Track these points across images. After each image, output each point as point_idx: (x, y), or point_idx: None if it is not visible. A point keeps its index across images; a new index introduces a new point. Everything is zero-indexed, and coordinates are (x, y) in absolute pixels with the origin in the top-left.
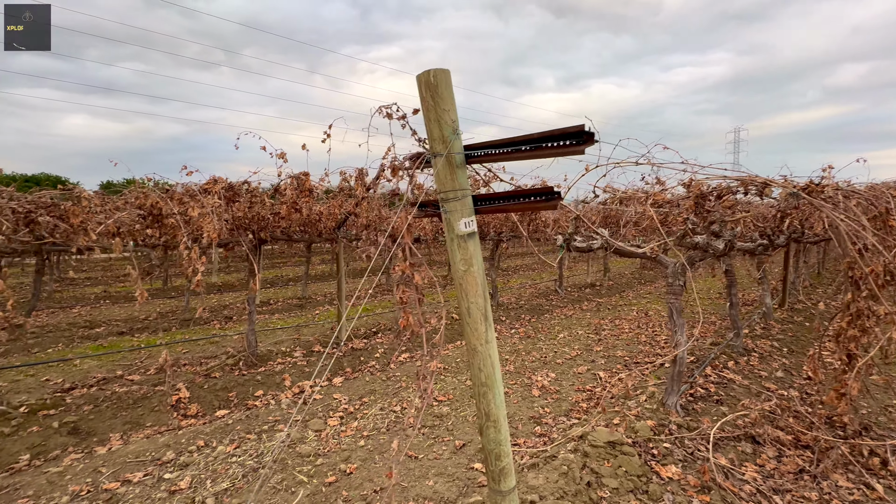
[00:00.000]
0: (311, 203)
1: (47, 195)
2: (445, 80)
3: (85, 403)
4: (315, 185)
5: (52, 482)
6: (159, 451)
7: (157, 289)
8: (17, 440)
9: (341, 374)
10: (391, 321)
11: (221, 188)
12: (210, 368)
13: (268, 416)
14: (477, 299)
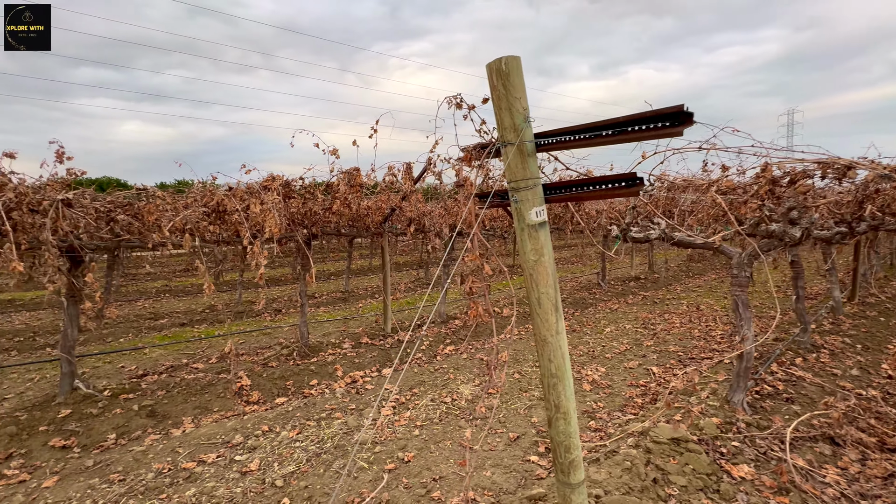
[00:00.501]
0: (360, 198)
1: (122, 195)
2: (516, 67)
3: (158, 389)
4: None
5: (138, 460)
6: (228, 434)
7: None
8: (104, 421)
9: (389, 366)
10: (434, 314)
11: (279, 185)
12: (267, 358)
13: (324, 405)
14: (548, 289)
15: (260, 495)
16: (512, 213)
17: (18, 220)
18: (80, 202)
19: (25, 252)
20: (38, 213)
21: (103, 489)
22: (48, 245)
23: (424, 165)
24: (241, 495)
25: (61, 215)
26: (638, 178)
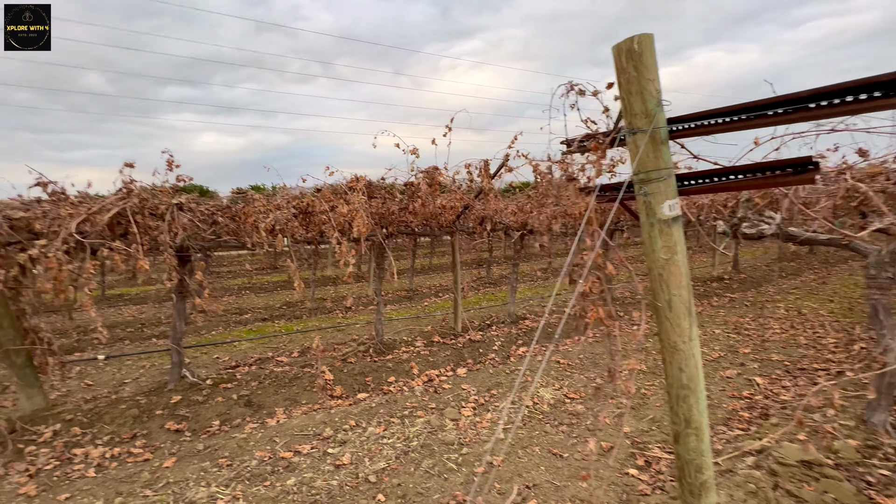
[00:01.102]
0: (436, 196)
1: (222, 198)
2: (649, 46)
3: (251, 380)
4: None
5: (241, 447)
6: (318, 427)
7: (285, 281)
8: (209, 408)
9: (463, 365)
10: (504, 314)
11: (363, 185)
12: (345, 354)
13: (405, 403)
14: (680, 291)
15: (355, 490)
16: (637, 208)
17: (141, 222)
18: (189, 206)
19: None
20: (156, 216)
21: (214, 472)
22: (166, 246)
23: (501, 161)
24: (338, 488)
25: (176, 218)
26: (812, 163)
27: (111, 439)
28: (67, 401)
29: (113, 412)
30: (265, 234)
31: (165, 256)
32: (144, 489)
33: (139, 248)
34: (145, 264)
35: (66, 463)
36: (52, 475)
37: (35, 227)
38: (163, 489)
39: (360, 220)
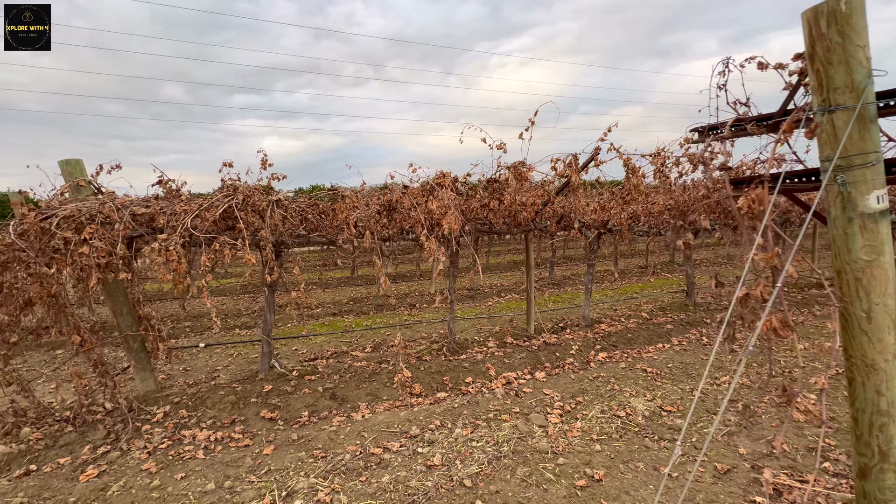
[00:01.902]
0: (518, 193)
1: (313, 195)
2: (860, 6)
3: (332, 373)
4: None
5: (332, 439)
6: (404, 425)
7: (348, 277)
8: (297, 399)
9: (540, 369)
10: (575, 317)
11: (450, 182)
12: (419, 352)
13: (487, 405)
14: (885, 299)
15: (451, 493)
16: (826, 200)
17: (244, 218)
18: (284, 203)
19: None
20: (257, 212)
21: (311, 463)
22: (266, 241)
23: (591, 154)
24: (434, 490)
25: (275, 214)
26: None
27: (213, 423)
28: (171, 384)
29: (213, 397)
30: (355, 230)
31: (268, 252)
32: (249, 474)
33: (246, 242)
34: (252, 258)
35: (177, 443)
36: (167, 454)
37: (160, 222)
38: (265, 476)
39: (452, 216)
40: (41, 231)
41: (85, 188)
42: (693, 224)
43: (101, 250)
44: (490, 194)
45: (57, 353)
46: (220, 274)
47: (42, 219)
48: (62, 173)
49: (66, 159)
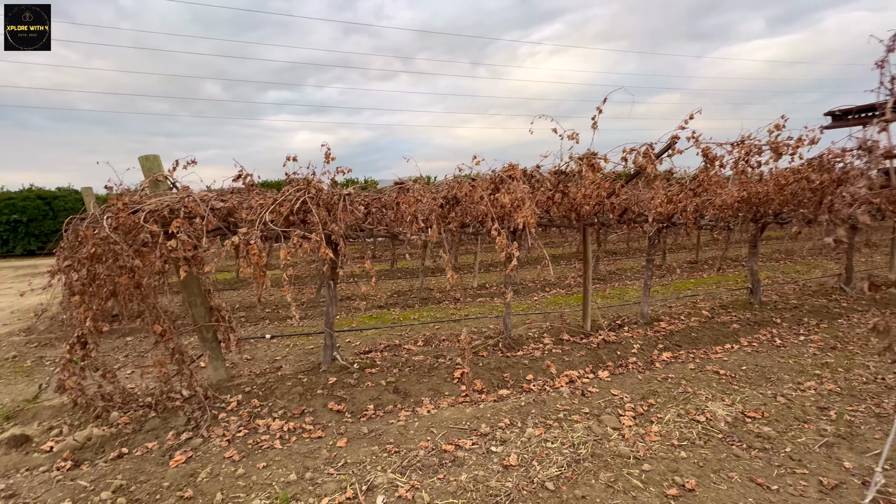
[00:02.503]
0: (589, 183)
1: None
2: None
3: (391, 366)
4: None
5: (402, 434)
6: (471, 421)
7: (388, 270)
8: (361, 392)
9: (603, 368)
10: (629, 314)
11: (520, 173)
12: (475, 347)
13: (555, 405)
14: None
15: (534, 495)
16: None
17: (316, 212)
18: (353, 196)
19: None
20: (329, 206)
21: (385, 458)
22: (337, 235)
23: (667, 143)
24: (516, 491)
25: (346, 208)
26: None
27: (284, 413)
28: (237, 373)
29: (281, 388)
30: (422, 224)
31: (341, 246)
32: (327, 466)
33: (321, 236)
34: (330, 252)
35: (253, 432)
36: (245, 442)
37: (241, 215)
38: (343, 469)
39: (528, 210)
40: (132, 225)
41: (162, 183)
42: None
43: (186, 244)
44: (554, 186)
45: (127, 339)
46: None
47: (130, 212)
48: (141, 169)
49: (146, 155)
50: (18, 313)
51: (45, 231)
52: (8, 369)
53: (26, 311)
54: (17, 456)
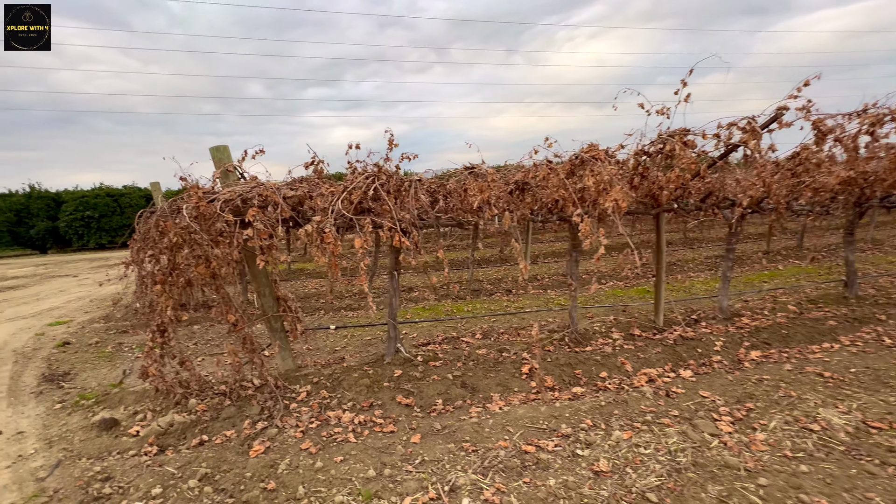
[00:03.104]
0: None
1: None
2: None
3: (454, 360)
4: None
5: (477, 432)
6: (549, 421)
7: (433, 261)
8: (428, 385)
9: (684, 367)
10: (707, 308)
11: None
12: (540, 341)
13: (638, 406)
14: None
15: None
16: None
17: (386, 199)
18: (424, 184)
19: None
20: (399, 193)
21: (463, 457)
22: (407, 223)
23: (773, 114)
24: (613, 500)
25: (416, 195)
26: None
27: (353, 406)
28: (304, 364)
29: (349, 379)
30: (496, 211)
31: (413, 234)
32: (404, 463)
33: (396, 224)
34: (406, 241)
35: (325, 424)
36: (319, 434)
37: (316, 204)
38: (421, 467)
39: (620, 192)
40: (210, 214)
41: (232, 173)
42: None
43: (262, 233)
44: (634, 168)
45: (194, 328)
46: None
47: (208, 202)
48: (212, 159)
49: (216, 146)
50: (97, 301)
51: (113, 226)
52: (92, 354)
53: (103, 299)
54: (108, 439)
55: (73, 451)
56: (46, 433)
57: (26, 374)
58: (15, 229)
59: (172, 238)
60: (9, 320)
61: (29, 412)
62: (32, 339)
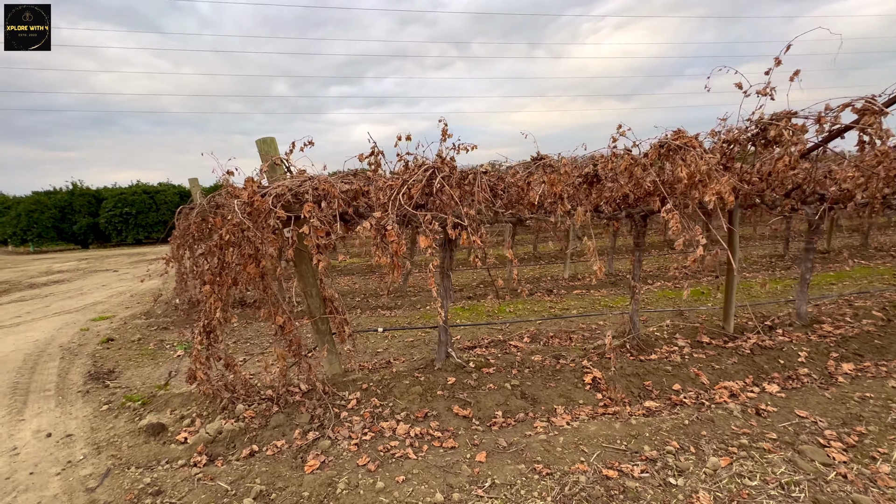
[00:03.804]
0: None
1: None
2: None
3: (508, 367)
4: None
5: (548, 451)
6: (627, 441)
7: (465, 259)
8: (484, 395)
9: (767, 380)
10: (784, 314)
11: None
12: (598, 347)
13: (727, 425)
14: None
15: None
16: None
17: (448, 192)
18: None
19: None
20: (462, 186)
21: (538, 482)
22: (472, 219)
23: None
24: None
25: (483, 187)
26: None
27: (407, 416)
28: (351, 368)
29: (400, 386)
30: (568, 206)
31: (483, 233)
32: (473, 486)
33: (469, 221)
34: (478, 240)
35: (379, 436)
36: (374, 447)
37: (376, 198)
38: (493, 491)
39: (725, 182)
40: (263, 209)
41: (279, 166)
42: None
43: (319, 230)
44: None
45: (232, 327)
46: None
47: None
48: (259, 152)
49: (263, 138)
50: (137, 297)
51: (150, 222)
52: (135, 352)
53: (142, 294)
54: (156, 445)
55: (121, 457)
56: (94, 437)
57: (73, 371)
58: (59, 225)
59: (225, 236)
60: (55, 314)
61: (76, 412)
62: (78, 334)
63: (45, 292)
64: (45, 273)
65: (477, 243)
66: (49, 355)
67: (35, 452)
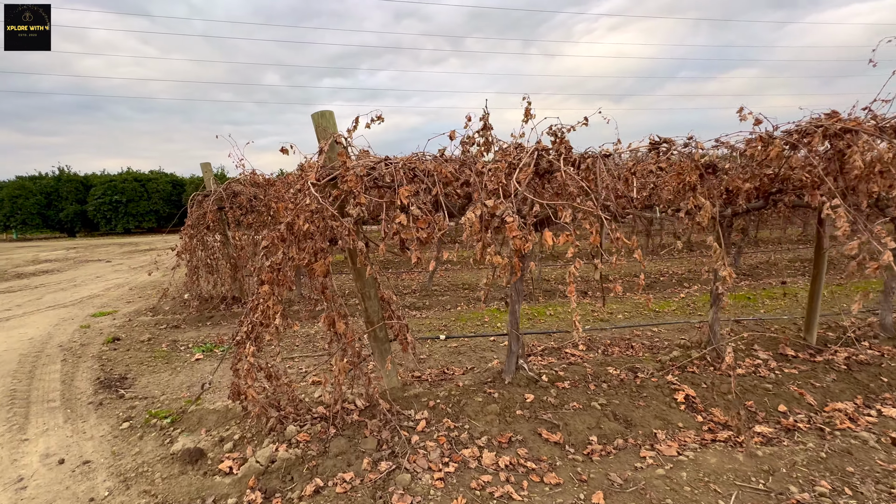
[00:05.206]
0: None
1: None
2: None
3: (582, 381)
4: None
5: (675, 491)
6: (762, 477)
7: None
8: (571, 415)
9: (878, 400)
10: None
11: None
12: (673, 359)
13: (870, 459)
14: None
15: None
16: None
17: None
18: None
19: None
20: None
21: None
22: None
23: None
24: None
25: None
26: None
27: (489, 441)
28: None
29: (472, 404)
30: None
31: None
32: None
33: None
34: (622, 237)
35: (464, 467)
36: (465, 483)
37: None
38: None
39: None
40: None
41: (339, 146)
42: None
43: (421, 220)
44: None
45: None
46: None
47: (328, 179)
48: (315, 128)
49: (320, 111)
50: (137, 290)
51: (140, 211)
52: (146, 354)
53: (143, 287)
54: (196, 477)
55: (156, 494)
56: (118, 465)
57: (78, 376)
58: (45, 212)
59: (303, 225)
60: (49, 308)
61: (91, 431)
62: (78, 332)
63: (35, 283)
64: (31, 262)
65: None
66: (48, 356)
67: (47, 486)
